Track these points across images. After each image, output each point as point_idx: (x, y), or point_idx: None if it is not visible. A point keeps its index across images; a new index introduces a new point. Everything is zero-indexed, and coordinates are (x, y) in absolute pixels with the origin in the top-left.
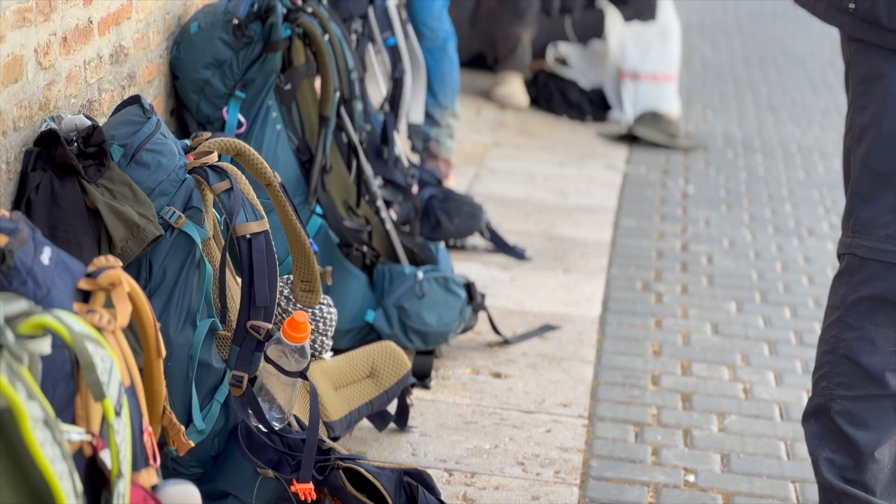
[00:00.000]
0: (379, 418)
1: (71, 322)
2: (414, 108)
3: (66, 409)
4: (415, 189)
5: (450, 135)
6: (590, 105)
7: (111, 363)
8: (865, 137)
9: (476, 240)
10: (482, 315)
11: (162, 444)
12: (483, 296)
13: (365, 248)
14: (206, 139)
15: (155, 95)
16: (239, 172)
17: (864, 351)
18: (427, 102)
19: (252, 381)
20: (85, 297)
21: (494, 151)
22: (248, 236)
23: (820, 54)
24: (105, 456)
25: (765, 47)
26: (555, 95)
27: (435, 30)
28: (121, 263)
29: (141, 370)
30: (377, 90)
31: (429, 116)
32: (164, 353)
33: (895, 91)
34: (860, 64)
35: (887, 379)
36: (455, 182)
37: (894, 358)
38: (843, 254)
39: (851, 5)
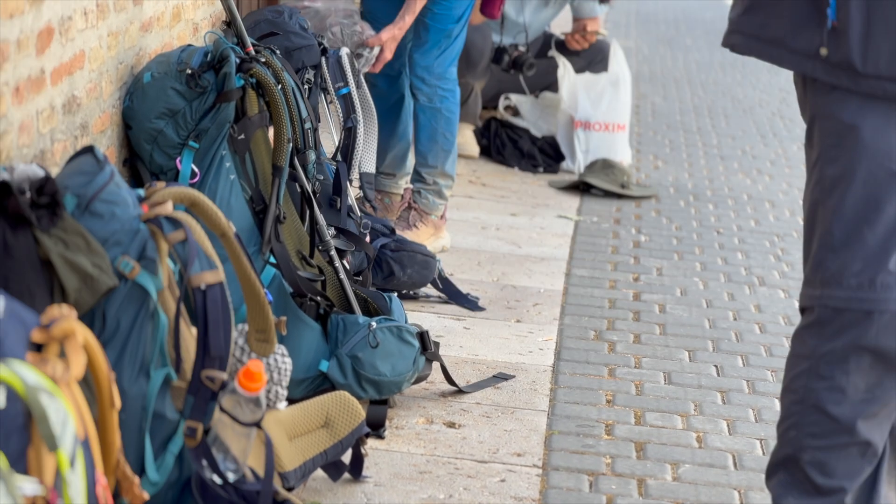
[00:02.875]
0: (333, 468)
1: (25, 373)
2: (366, 158)
3: (18, 461)
4: (367, 239)
5: (437, 193)
6: (542, 155)
7: (66, 415)
8: (837, 188)
9: (429, 289)
10: (436, 364)
11: (116, 495)
12: (437, 345)
13: (319, 298)
14: (161, 189)
15: (108, 145)
16: (194, 222)
17: (833, 401)
18: (416, 160)
19: (206, 431)
20: (38, 347)
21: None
22: (202, 287)
23: (769, 104)
24: None
25: (714, 97)
26: (506, 145)
27: (433, 87)
28: (75, 314)
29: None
30: (330, 140)
31: (416, 172)
32: (118, 404)
33: (869, 142)
34: (830, 115)
35: (857, 427)
36: (448, 241)
37: (864, 406)
38: (811, 306)
39: (823, 51)
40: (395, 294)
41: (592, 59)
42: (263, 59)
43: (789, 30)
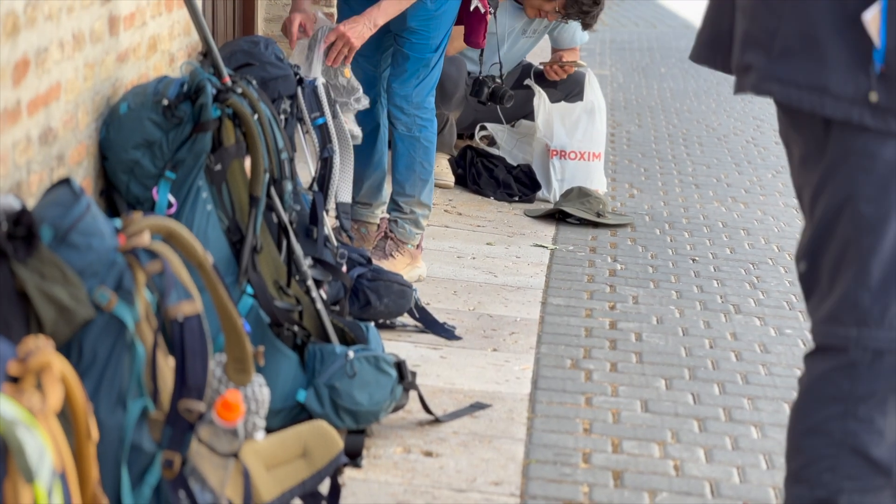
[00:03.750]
0: (311, 498)
1: (1, 406)
2: (342, 188)
3: None
4: (344, 268)
5: (414, 222)
6: (517, 184)
7: (42, 447)
8: (876, 228)
9: (405, 318)
10: (413, 394)
11: None
12: (414, 374)
13: (296, 328)
14: (138, 220)
15: (84, 176)
16: (171, 253)
17: (873, 443)
18: (393, 189)
19: (184, 462)
20: (15, 380)
21: None
22: (180, 318)
23: (743, 132)
24: None
25: (689, 125)
26: (482, 174)
27: (411, 116)
28: (52, 345)
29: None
30: (306, 170)
31: (393, 201)
32: (95, 435)
33: None
34: (871, 155)
35: (895, 469)
36: (425, 270)
37: None
38: (843, 346)
39: (873, 96)
40: (372, 323)
41: (569, 90)
42: (240, 90)
43: (833, 76)
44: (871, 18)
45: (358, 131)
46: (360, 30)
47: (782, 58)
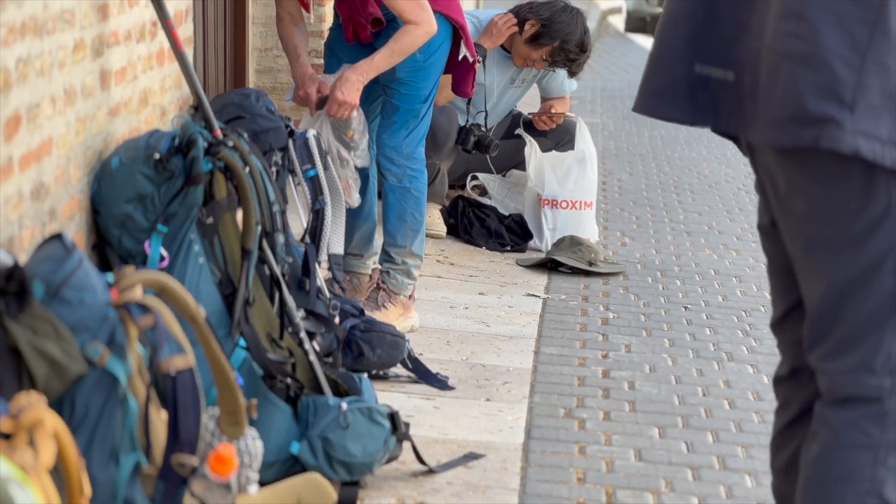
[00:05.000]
0: None
1: None
2: (334, 240)
3: None
4: (337, 320)
5: (406, 272)
6: (509, 233)
7: None
8: None
9: (398, 369)
10: (406, 444)
11: None
12: (407, 425)
13: (289, 380)
14: (130, 274)
15: (76, 230)
16: (163, 307)
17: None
18: (384, 239)
19: None
20: (7, 436)
21: None
22: (172, 372)
23: (735, 179)
24: None
25: (680, 172)
26: (474, 224)
27: (401, 167)
28: (44, 401)
29: None
30: (298, 222)
31: (384, 252)
32: (88, 491)
33: None
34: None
35: None
36: (417, 320)
37: None
38: (876, 396)
39: None
40: (365, 375)
41: (560, 139)
42: (231, 143)
43: None
44: None
45: (357, 200)
46: (355, 89)
47: (867, 112)
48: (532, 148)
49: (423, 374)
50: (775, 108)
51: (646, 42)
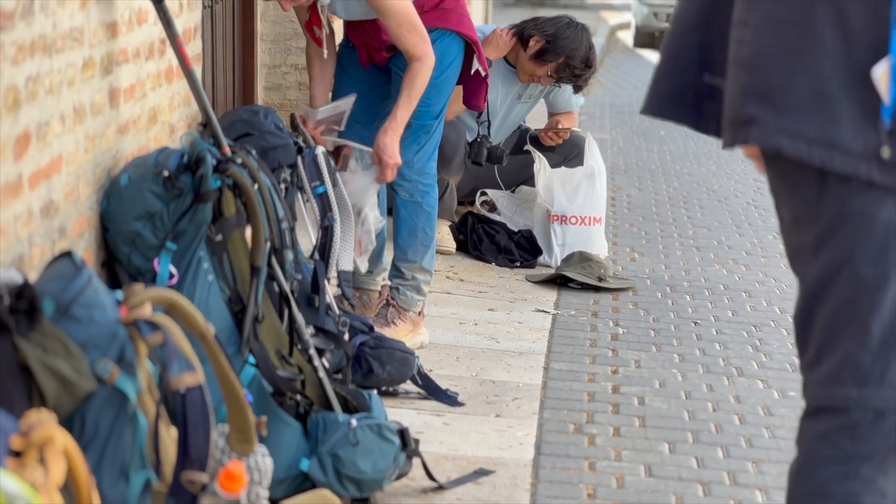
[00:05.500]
0: None
1: (4, 481)
2: (343, 256)
3: None
4: (346, 336)
5: (416, 288)
6: (518, 249)
7: None
8: (875, 289)
9: (408, 386)
10: (416, 461)
11: None
12: (417, 441)
13: (298, 397)
14: (139, 292)
15: (85, 248)
16: (172, 324)
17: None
18: (395, 254)
19: None
20: (17, 454)
21: None
22: (182, 390)
23: (744, 194)
24: None
25: (689, 188)
26: (483, 240)
27: (413, 182)
28: (55, 419)
29: None
30: (307, 238)
31: (395, 267)
32: None
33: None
34: (870, 216)
35: None
36: (427, 337)
37: None
38: (844, 407)
39: (885, 152)
40: (375, 391)
41: (568, 154)
42: (239, 160)
43: (844, 131)
44: (881, 75)
45: (365, 266)
46: (396, 147)
47: (791, 112)
48: (541, 164)
49: (432, 391)
50: (725, 111)
51: (654, 57)
